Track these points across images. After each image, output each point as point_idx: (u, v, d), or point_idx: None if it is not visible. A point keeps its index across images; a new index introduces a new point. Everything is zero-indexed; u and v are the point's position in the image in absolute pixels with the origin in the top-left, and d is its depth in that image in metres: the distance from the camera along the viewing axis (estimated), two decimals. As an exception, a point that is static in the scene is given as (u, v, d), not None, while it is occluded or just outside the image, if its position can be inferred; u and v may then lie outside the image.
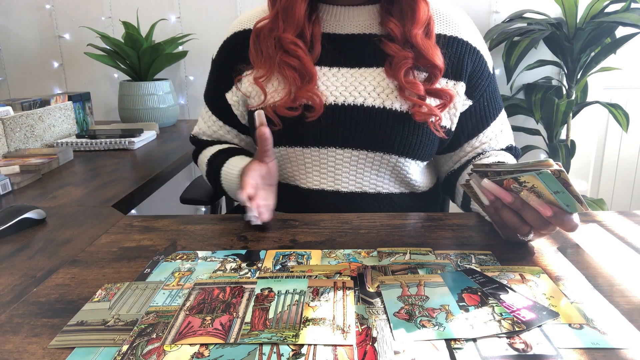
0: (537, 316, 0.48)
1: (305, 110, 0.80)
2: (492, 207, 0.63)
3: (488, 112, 0.88)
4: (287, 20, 0.81)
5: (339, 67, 0.83)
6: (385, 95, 0.81)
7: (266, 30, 0.83)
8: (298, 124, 0.81)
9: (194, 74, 2.01)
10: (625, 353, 0.43)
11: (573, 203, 0.57)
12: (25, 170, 1.08)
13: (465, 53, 0.84)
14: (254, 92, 0.86)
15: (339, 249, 0.65)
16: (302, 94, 0.80)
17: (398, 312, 0.49)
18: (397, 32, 0.80)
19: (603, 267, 0.59)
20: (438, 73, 0.81)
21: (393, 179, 0.87)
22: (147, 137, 1.50)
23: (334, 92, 0.82)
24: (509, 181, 0.60)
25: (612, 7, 1.72)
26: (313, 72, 0.80)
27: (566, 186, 0.55)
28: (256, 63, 0.85)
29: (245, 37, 0.88)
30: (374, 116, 0.80)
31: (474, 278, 0.56)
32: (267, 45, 0.83)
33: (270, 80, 0.84)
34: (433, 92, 0.81)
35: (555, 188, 0.56)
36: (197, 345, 0.45)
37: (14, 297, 0.55)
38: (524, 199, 0.60)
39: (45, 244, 0.70)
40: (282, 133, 0.82)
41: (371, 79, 0.82)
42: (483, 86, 0.87)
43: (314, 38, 0.83)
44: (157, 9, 1.96)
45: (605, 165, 2.10)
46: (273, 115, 0.81)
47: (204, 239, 0.70)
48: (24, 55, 2.05)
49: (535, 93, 1.81)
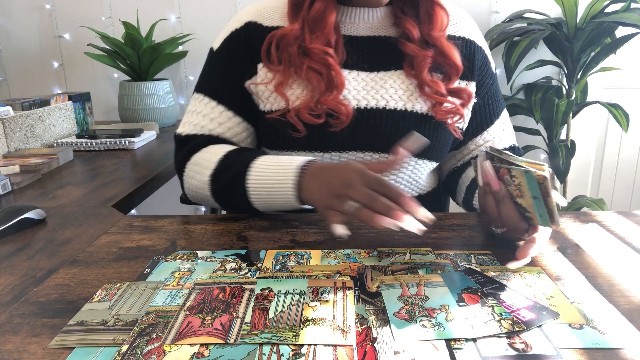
0: (537, 316, 0.48)
1: (329, 117, 0.77)
2: (483, 189, 0.65)
3: (492, 110, 0.89)
4: (316, 30, 0.78)
5: (358, 70, 0.82)
6: (407, 97, 0.81)
7: (291, 38, 0.78)
8: (321, 131, 0.78)
9: (194, 74, 2.01)
10: (625, 353, 0.43)
11: (545, 216, 0.58)
12: (25, 170, 1.08)
13: (473, 53, 0.86)
14: (271, 97, 0.82)
15: (339, 249, 0.65)
16: (327, 101, 0.77)
17: (398, 312, 0.49)
18: (414, 32, 0.80)
19: (603, 267, 0.59)
20: (455, 73, 0.81)
21: (405, 182, 0.87)
22: (147, 137, 1.50)
23: (356, 95, 0.80)
24: (504, 170, 0.61)
25: (612, 7, 1.72)
26: (341, 80, 0.78)
27: (545, 196, 0.56)
28: (273, 68, 0.80)
29: (257, 30, 0.83)
30: (397, 118, 0.80)
31: (474, 278, 0.56)
32: (288, 52, 0.79)
33: (289, 86, 0.80)
34: (453, 91, 0.82)
35: (535, 193, 0.57)
36: (197, 345, 0.45)
37: (14, 297, 0.55)
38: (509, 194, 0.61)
39: (45, 244, 0.70)
40: (303, 139, 0.79)
41: (392, 81, 0.81)
42: (488, 84, 0.88)
43: (338, 43, 0.80)
44: (157, 9, 1.96)
45: (605, 165, 2.09)
46: (297, 122, 0.77)
47: (204, 239, 0.70)
48: (24, 55, 2.04)
49: (535, 93, 1.81)
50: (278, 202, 0.72)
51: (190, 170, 0.82)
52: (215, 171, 0.78)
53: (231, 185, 0.75)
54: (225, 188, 0.77)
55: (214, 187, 0.78)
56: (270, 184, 0.72)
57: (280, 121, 0.79)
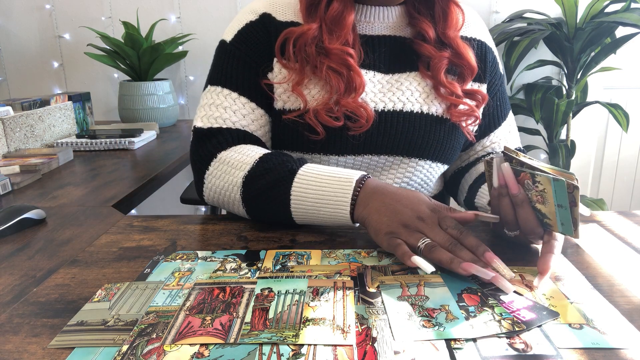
0: (537, 316, 0.48)
1: (347, 120, 0.75)
2: (498, 191, 0.62)
3: (500, 112, 0.89)
4: (335, 31, 0.75)
5: (375, 71, 0.80)
6: (422, 99, 0.80)
7: (309, 37, 0.76)
8: (339, 134, 0.77)
9: (194, 74, 2.01)
10: (625, 353, 0.43)
11: (569, 224, 0.57)
12: (25, 170, 1.08)
13: (485, 54, 0.85)
14: (284, 95, 0.79)
15: (339, 249, 0.65)
16: (347, 103, 0.74)
17: (398, 312, 0.49)
18: (430, 32, 0.79)
19: (603, 267, 0.59)
20: (470, 74, 0.80)
21: (417, 186, 0.86)
22: (147, 137, 1.50)
23: (374, 98, 0.79)
24: (525, 175, 0.59)
25: (612, 7, 1.72)
26: (362, 82, 0.75)
27: (572, 205, 0.55)
28: (288, 65, 0.78)
29: (272, 23, 0.80)
30: (413, 121, 0.79)
31: (473, 278, 0.56)
32: (306, 51, 0.76)
33: (305, 85, 0.78)
34: (468, 92, 0.81)
35: (561, 202, 0.56)
36: (197, 345, 0.45)
37: (14, 297, 0.55)
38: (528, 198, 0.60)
39: (45, 244, 0.70)
40: (321, 142, 0.77)
41: (408, 83, 0.80)
42: (496, 86, 0.88)
43: (355, 42, 0.78)
44: (157, 9, 1.96)
45: (605, 165, 2.10)
46: (316, 124, 0.75)
47: (204, 239, 0.70)
48: (24, 55, 2.05)
49: (535, 93, 1.81)
50: (324, 215, 0.67)
51: (217, 170, 0.76)
52: (250, 173, 0.71)
53: (270, 190, 0.70)
54: (262, 193, 0.71)
55: (246, 190, 0.72)
56: (320, 194, 0.67)
57: (298, 122, 0.77)
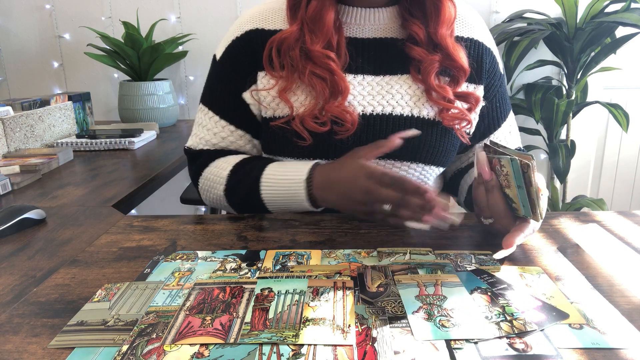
0: (547, 317, 0.48)
1: (334, 125, 0.76)
2: (477, 181, 0.67)
3: (499, 113, 0.88)
4: (315, 31, 0.75)
5: (364, 74, 0.79)
6: (413, 102, 0.79)
7: (291, 41, 0.76)
8: (327, 139, 0.77)
9: (194, 74, 2.01)
10: (625, 353, 0.43)
11: (527, 205, 0.58)
12: (25, 170, 1.08)
13: (482, 55, 0.83)
14: (273, 103, 0.80)
15: (339, 249, 0.65)
16: (332, 108, 0.75)
17: (417, 311, 0.49)
18: (421, 34, 0.78)
19: (603, 267, 0.59)
20: (462, 76, 0.79)
21: None
22: (147, 137, 1.50)
23: (362, 101, 0.78)
24: (495, 161, 0.63)
25: (612, 7, 1.72)
26: (346, 86, 0.76)
27: (527, 185, 0.57)
28: (276, 74, 0.78)
29: (258, 36, 0.80)
30: (403, 124, 0.79)
31: (482, 278, 0.56)
32: (290, 55, 0.76)
33: (292, 92, 0.78)
34: (461, 95, 0.80)
35: (519, 182, 0.59)
36: (197, 345, 0.45)
37: (14, 297, 0.55)
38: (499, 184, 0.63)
39: (45, 244, 0.70)
40: (309, 147, 0.78)
41: (398, 86, 0.79)
42: (496, 87, 0.86)
43: (340, 45, 0.77)
44: (157, 9, 1.96)
45: (605, 165, 2.09)
46: (302, 130, 0.76)
47: (204, 239, 0.70)
48: (24, 55, 2.04)
49: (535, 93, 1.81)
50: (299, 210, 0.79)
51: (205, 185, 0.86)
52: (227, 187, 0.82)
53: (248, 199, 0.81)
54: (242, 201, 0.82)
55: (230, 200, 0.84)
56: (284, 199, 0.78)
57: (285, 129, 0.78)
